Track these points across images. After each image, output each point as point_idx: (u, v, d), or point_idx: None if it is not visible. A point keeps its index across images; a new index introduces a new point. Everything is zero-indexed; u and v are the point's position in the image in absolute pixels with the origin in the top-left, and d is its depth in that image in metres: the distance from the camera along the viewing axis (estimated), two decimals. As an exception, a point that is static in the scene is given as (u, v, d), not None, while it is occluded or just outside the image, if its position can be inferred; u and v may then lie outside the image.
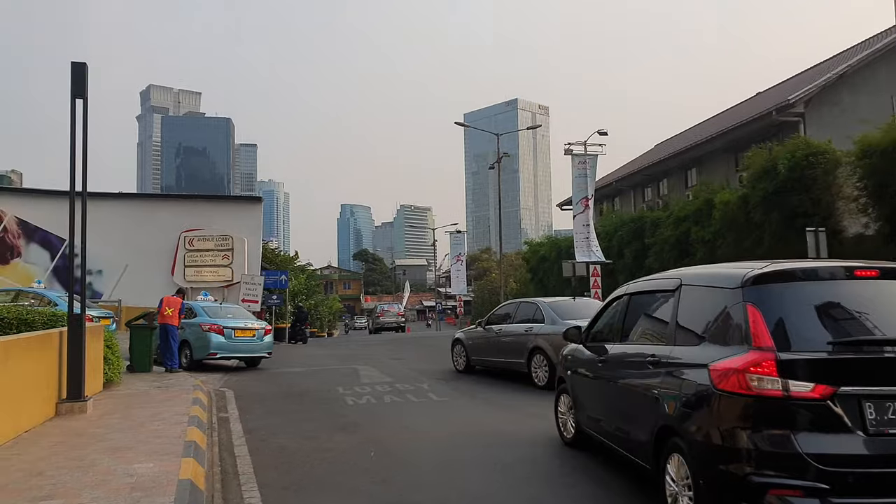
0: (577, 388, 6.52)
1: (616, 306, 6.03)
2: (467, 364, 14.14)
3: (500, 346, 12.90)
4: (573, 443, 6.70)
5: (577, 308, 12.35)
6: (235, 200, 26.71)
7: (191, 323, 14.75)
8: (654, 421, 4.56)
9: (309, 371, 15.19)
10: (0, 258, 24.89)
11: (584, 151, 25.60)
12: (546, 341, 11.42)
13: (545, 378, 11.35)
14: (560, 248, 49.77)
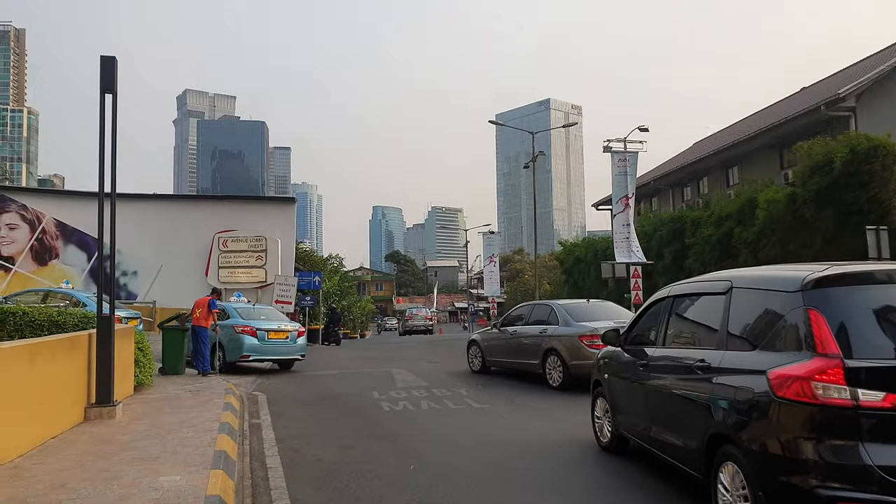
0: (616, 393, 6.38)
1: (658, 309, 5.82)
2: (483, 365, 14.24)
3: (515, 348, 13.01)
4: (609, 447, 6.60)
5: (591, 310, 12.43)
6: (269, 201, 26.51)
7: (224, 324, 14.45)
8: (704, 428, 4.42)
9: (343, 374, 14.83)
10: (38, 259, 25.09)
11: (624, 149, 24.91)
12: (560, 343, 11.53)
13: (559, 379, 11.48)
14: (597, 249, 48.89)
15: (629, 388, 5.99)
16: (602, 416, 6.81)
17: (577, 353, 11.21)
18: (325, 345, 27.22)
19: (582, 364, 11.09)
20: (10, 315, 9.67)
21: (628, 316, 12.85)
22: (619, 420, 6.26)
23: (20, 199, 25.25)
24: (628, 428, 6.05)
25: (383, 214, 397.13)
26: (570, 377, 11.31)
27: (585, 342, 11.18)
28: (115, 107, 8.68)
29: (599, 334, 11.01)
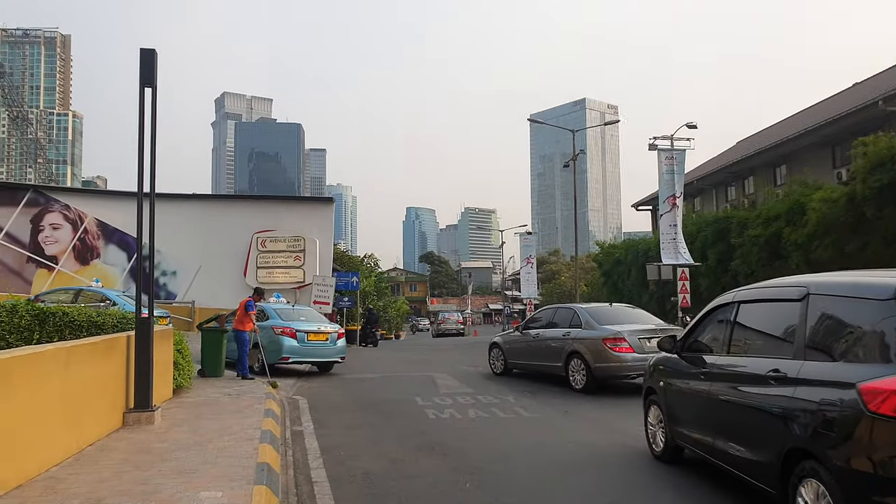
0: (672, 401, 6.17)
1: (720, 315, 5.60)
2: (505, 367, 14.38)
3: (538, 350, 13.09)
4: (662, 456, 6.44)
5: (615, 314, 12.53)
6: (307, 201, 26.31)
7: (263, 326, 14.06)
8: (780, 442, 4.19)
9: (383, 378, 14.44)
10: (80, 259, 25.28)
11: (671, 146, 24.11)
12: (584, 346, 11.61)
13: (582, 381, 11.57)
14: (637, 251, 47.82)
15: (689, 397, 5.76)
16: (655, 425, 6.59)
17: (601, 356, 11.27)
18: (363, 346, 26.95)
19: (605, 367, 11.25)
20: (51, 315, 9.48)
21: (651, 320, 12.83)
22: (677, 429, 6.02)
23: (63, 199, 25.49)
24: (687, 438, 5.80)
25: (417, 215, 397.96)
26: (594, 380, 11.40)
27: (609, 345, 11.22)
28: (154, 101, 8.40)
29: (623, 337, 11.20)
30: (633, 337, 11.30)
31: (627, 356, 11.13)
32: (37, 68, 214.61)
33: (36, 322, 9.37)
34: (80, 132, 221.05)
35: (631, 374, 11.40)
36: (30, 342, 9.28)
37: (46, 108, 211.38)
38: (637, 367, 11.08)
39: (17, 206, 25.00)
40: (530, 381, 13.34)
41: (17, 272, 24.61)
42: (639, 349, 11.17)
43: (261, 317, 14.34)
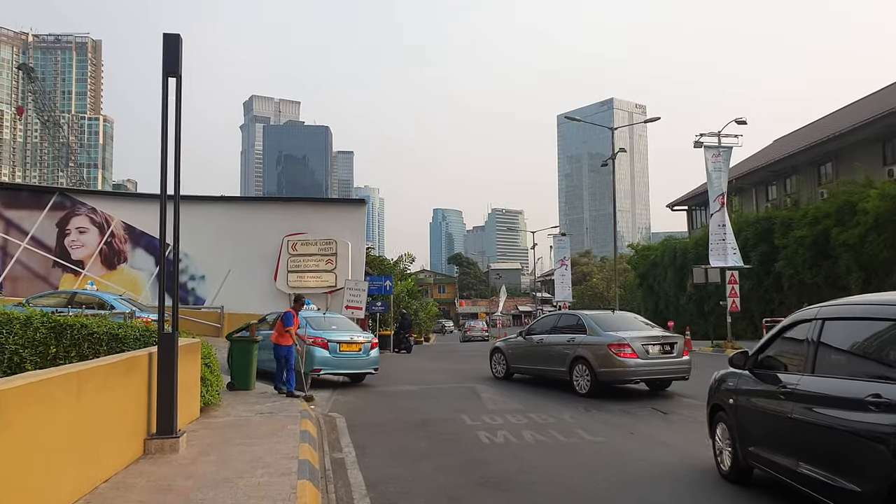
0: (744, 420, 5.90)
1: (800, 332, 5.25)
2: (507, 371, 14.70)
3: (542, 355, 13.38)
4: (729, 476, 6.21)
5: (618, 321, 12.83)
6: (338, 203, 25.47)
7: None
8: (885, 472, 3.85)
9: (423, 391, 13.50)
10: (107, 264, 24.77)
11: (718, 143, 22.88)
12: (589, 351, 11.88)
13: (587, 386, 11.89)
14: (675, 252, 46.48)
15: (766, 417, 5.46)
16: (723, 443, 6.34)
17: (606, 361, 11.59)
18: (396, 352, 26.08)
19: (610, 372, 11.59)
20: (68, 328, 8.70)
21: (654, 328, 13.03)
22: (749, 450, 5.72)
23: (89, 203, 25.00)
24: (762, 459, 5.50)
25: (443, 217, 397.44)
26: (598, 384, 11.74)
27: (614, 351, 11.51)
28: (179, 92, 7.54)
29: (627, 343, 11.50)
30: (637, 343, 11.59)
31: (631, 362, 11.45)
32: (68, 73, 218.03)
33: (52, 335, 8.60)
34: (110, 136, 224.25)
35: (634, 379, 12.03)
36: (45, 357, 8.52)
37: (78, 113, 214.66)
38: (640, 373, 11.68)
39: (43, 210, 24.57)
40: (583, 398, 12.29)
41: (42, 277, 24.17)
42: (642, 355, 11.55)
43: None
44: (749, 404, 5.79)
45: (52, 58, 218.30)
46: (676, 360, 12.04)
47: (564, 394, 12.58)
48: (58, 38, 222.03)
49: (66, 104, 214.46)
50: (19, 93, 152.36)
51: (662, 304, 48.14)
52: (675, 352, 12.05)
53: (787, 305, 32.64)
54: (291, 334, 11.65)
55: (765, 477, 5.71)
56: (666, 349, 11.96)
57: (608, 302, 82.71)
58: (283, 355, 11.66)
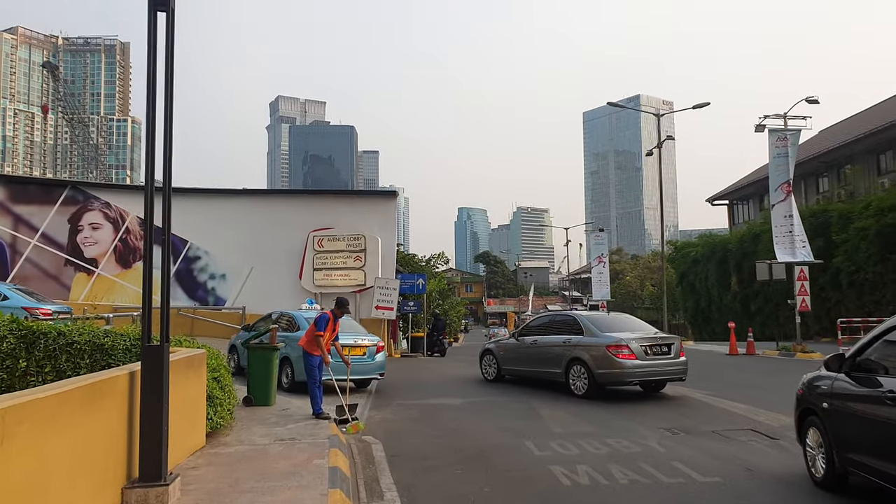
0: (842, 425, 5.67)
1: None
2: (498, 373, 14.47)
3: (536, 357, 13.23)
4: (823, 483, 6.01)
5: (615, 322, 12.76)
6: (367, 196, 23.59)
7: (293, 337, 12.41)
8: None
9: (469, 405, 11.64)
10: (122, 262, 23.28)
11: (784, 126, 20.69)
12: (587, 352, 11.81)
13: (583, 388, 11.82)
14: (717, 248, 44.10)
15: (870, 423, 5.20)
16: (815, 449, 6.16)
17: (604, 362, 11.51)
18: (429, 355, 24.28)
19: (608, 373, 11.51)
20: (42, 336, 7.00)
21: (649, 329, 12.76)
22: (849, 457, 5.51)
23: (103, 197, 23.48)
24: (863, 466, 5.28)
25: (468, 216, 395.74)
26: (596, 386, 11.68)
27: (612, 352, 11.42)
28: (171, 31, 5.74)
29: (626, 344, 11.41)
30: (636, 344, 11.51)
31: (630, 363, 11.36)
32: (97, 76, 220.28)
33: (22, 346, 6.90)
34: (138, 137, 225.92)
35: (633, 381, 11.93)
36: (13, 374, 6.83)
37: (106, 115, 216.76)
38: (638, 374, 11.53)
39: (54, 205, 23.13)
40: (666, 418, 10.34)
41: (54, 276, 22.73)
42: (640, 356, 11.47)
43: (290, 326, 13.24)
44: (848, 409, 5.59)
45: (81, 60, 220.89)
46: (674, 361, 11.97)
47: (635, 410, 10.67)
48: (87, 40, 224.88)
49: (95, 106, 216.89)
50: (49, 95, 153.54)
51: (704, 302, 45.90)
52: (673, 353, 12.00)
53: (847, 304, 30.25)
54: (319, 343, 9.75)
55: (865, 484, 5.44)
56: (664, 350, 11.89)
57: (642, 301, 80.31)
58: (313, 365, 9.83)
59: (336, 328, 10.00)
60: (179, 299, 22.89)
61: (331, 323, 9.86)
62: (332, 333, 9.93)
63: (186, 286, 23.04)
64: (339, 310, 10.01)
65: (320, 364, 9.77)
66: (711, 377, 15.30)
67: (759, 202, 47.45)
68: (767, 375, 15.83)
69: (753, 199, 48.88)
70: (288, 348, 12.30)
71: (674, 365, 11.95)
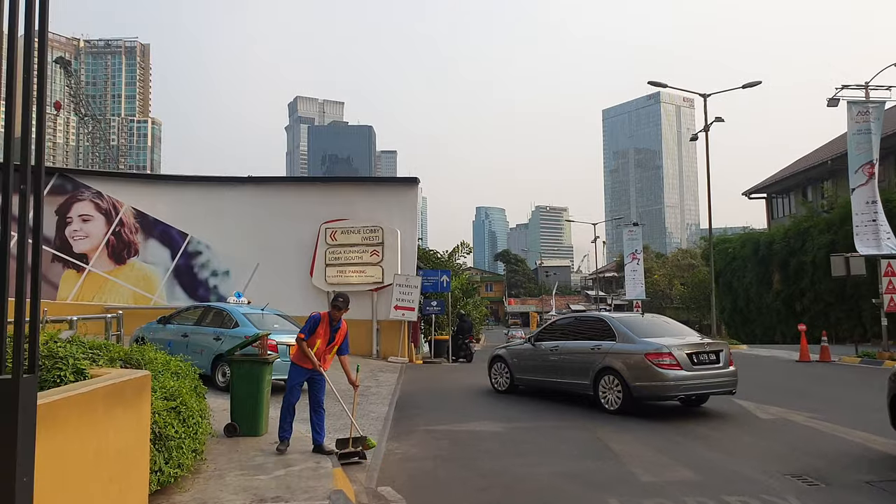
0: None
1: None
2: (511, 383, 12.85)
3: (557, 366, 11.69)
4: None
5: (651, 325, 11.25)
6: (386, 183, 21.03)
7: (233, 334, 11.82)
8: None
9: (513, 431, 9.19)
10: (116, 257, 21.07)
11: (866, 98, 18.03)
12: (621, 361, 10.35)
13: (617, 402, 10.31)
14: (758, 244, 41.23)
15: None
16: None
17: (644, 373, 10.01)
18: (454, 361, 21.83)
19: (647, 386, 10.00)
20: None
21: (693, 334, 11.36)
22: None
23: (94, 186, 21.25)
24: None
25: (486, 215, 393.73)
26: (631, 400, 10.15)
27: (653, 361, 9.93)
28: None
29: (670, 352, 9.92)
30: (681, 352, 9.99)
31: (673, 374, 9.84)
32: (118, 77, 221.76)
33: None
34: (158, 138, 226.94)
35: (677, 395, 10.16)
36: None
37: (127, 116, 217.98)
38: (683, 387, 9.91)
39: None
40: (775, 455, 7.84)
41: (40, 273, 20.64)
42: (686, 366, 9.92)
43: (228, 323, 12.38)
44: None
45: (102, 62, 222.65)
46: (724, 372, 10.29)
47: (732, 442, 8.15)
48: (108, 42, 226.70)
49: (116, 108, 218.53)
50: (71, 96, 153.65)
51: (742, 302, 43.20)
52: (722, 361, 10.33)
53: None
54: (308, 353, 7.44)
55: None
56: (711, 358, 10.26)
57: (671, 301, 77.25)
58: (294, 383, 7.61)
59: (330, 333, 7.56)
60: (179, 298, 20.68)
61: (321, 326, 7.51)
62: (325, 338, 7.53)
63: (186, 284, 20.81)
64: (335, 310, 7.56)
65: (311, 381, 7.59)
66: (798, 391, 12.76)
67: (801, 195, 44.55)
68: (865, 389, 13.23)
69: (795, 191, 45.89)
70: (226, 344, 11.60)
71: (724, 376, 10.29)
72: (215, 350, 11.96)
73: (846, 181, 37.25)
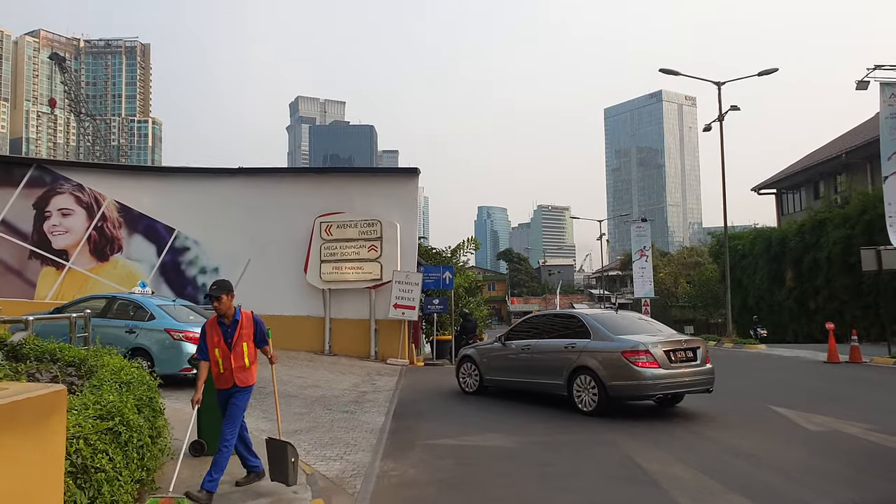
0: None
1: None
2: (480, 384, 12.30)
3: (529, 365, 11.20)
4: None
5: (626, 322, 10.74)
6: (384, 174, 19.71)
7: (149, 327, 11.82)
8: None
9: (529, 447, 8.00)
10: (98, 254, 19.87)
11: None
12: (596, 360, 9.82)
13: (592, 403, 9.78)
14: (770, 241, 40.00)
15: None
16: None
17: (620, 372, 9.54)
18: (457, 362, 20.60)
19: (624, 385, 9.51)
20: None
21: (669, 330, 10.82)
22: None
23: (75, 178, 20.02)
24: None
25: (488, 214, 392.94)
26: (608, 400, 9.67)
27: (630, 359, 9.46)
28: None
29: (647, 350, 9.47)
30: (658, 349, 9.57)
31: (651, 372, 9.39)
32: (118, 77, 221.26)
33: None
34: (159, 138, 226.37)
35: (655, 394, 9.65)
36: None
37: (128, 116, 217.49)
38: (661, 386, 9.46)
39: (17, 187, 19.69)
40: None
41: (17, 271, 19.40)
42: (664, 364, 9.49)
43: (142, 315, 12.06)
44: None
45: (102, 62, 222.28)
46: (701, 370, 9.87)
47: (783, 460, 6.95)
48: (108, 42, 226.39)
49: (117, 108, 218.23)
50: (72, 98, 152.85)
51: (752, 300, 42.04)
52: (699, 359, 9.91)
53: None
54: (200, 372, 5.92)
55: None
56: (688, 355, 9.84)
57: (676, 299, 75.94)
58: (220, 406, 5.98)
59: (223, 332, 5.79)
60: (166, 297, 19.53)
61: (211, 332, 5.84)
62: (222, 342, 5.78)
63: (173, 282, 19.63)
64: (213, 302, 5.80)
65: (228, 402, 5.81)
66: (839, 397, 11.56)
67: (813, 191, 43.37)
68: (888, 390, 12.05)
69: (807, 187, 44.68)
70: (142, 338, 11.73)
71: (701, 374, 9.87)
72: (131, 344, 11.60)
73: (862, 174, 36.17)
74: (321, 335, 19.00)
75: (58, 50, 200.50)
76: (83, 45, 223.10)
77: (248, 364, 5.80)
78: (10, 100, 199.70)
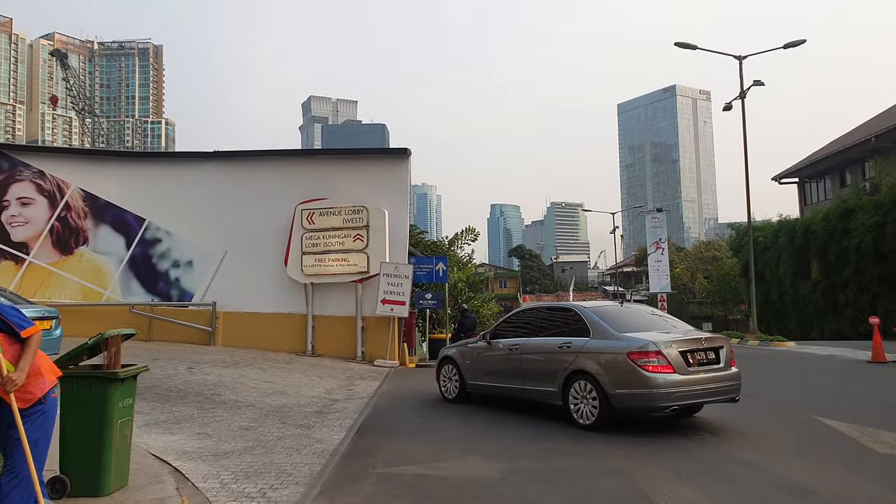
0: None
1: None
2: (461, 389, 10.61)
3: (518, 368, 9.35)
4: None
5: (634, 317, 8.89)
6: (371, 156, 17.92)
7: None
8: None
9: (511, 477, 6.19)
10: (62, 246, 18.28)
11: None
12: (596, 362, 8.10)
13: (592, 414, 8.03)
14: (794, 231, 37.94)
15: None
16: None
17: (626, 377, 7.72)
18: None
19: (630, 394, 7.71)
20: None
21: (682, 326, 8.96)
22: None
23: (35, 164, 18.44)
24: None
25: (501, 212, 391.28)
26: (611, 412, 7.85)
27: (637, 361, 7.65)
28: None
29: (658, 350, 7.80)
30: (672, 350, 7.69)
31: (663, 378, 7.52)
32: (132, 79, 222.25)
33: None
34: (172, 139, 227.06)
35: (669, 405, 7.60)
36: None
37: (141, 117, 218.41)
38: (677, 395, 7.54)
39: (-29, 175, 18.30)
40: None
41: (-30, 266, 17.93)
42: (680, 368, 7.62)
43: None
44: None
45: (116, 64, 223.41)
46: (725, 374, 8.09)
47: (835, 487, 5.10)
48: (121, 44, 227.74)
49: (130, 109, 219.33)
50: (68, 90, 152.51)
51: (775, 294, 39.96)
52: (722, 361, 8.14)
53: None
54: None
55: None
56: (710, 357, 8.08)
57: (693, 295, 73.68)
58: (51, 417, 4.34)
59: None
60: (135, 293, 17.96)
61: None
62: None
63: (144, 277, 18.00)
64: None
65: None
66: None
67: (839, 178, 41.15)
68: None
69: (832, 174, 42.44)
70: None
71: (726, 380, 8.06)
72: None
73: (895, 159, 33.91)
74: (303, 334, 17.28)
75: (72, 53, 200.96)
76: (97, 47, 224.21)
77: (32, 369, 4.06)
78: (26, 102, 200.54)
